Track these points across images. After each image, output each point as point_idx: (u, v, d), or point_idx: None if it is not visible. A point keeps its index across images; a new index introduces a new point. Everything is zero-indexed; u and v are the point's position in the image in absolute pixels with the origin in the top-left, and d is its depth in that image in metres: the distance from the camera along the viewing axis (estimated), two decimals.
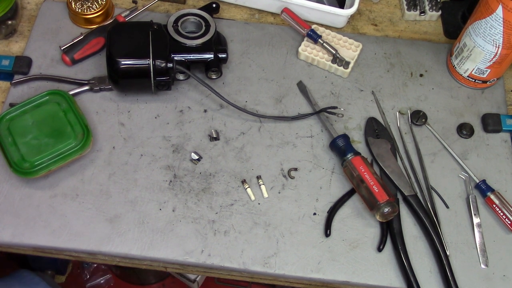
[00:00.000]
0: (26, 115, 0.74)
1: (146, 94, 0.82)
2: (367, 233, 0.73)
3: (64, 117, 0.74)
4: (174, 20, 0.81)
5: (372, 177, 0.71)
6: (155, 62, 0.75)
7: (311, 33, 0.85)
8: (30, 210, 0.72)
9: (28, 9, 0.90)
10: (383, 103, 0.84)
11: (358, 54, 0.86)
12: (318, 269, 0.70)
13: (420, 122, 0.81)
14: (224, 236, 0.72)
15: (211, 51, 0.79)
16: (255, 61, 0.86)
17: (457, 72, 0.85)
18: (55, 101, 0.75)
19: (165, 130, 0.79)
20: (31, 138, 0.73)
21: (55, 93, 0.76)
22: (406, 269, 0.69)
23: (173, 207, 0.73)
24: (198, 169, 0.76)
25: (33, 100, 0.75)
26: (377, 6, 0.94)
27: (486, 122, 0.82)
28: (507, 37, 0.73)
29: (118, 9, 0.90)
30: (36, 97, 0.76)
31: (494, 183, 0.77)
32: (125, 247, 0.70)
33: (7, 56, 0.83)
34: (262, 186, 0.75)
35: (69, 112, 0.75)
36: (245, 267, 0.70)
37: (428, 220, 0.72)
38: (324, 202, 0.75)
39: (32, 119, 0.74)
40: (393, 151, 0.78)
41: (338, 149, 0.76)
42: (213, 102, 0.82)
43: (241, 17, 0.92)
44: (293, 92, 0.84)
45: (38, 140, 0.73)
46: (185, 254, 0.70)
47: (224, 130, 0.80)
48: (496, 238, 0.74)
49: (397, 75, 0.87)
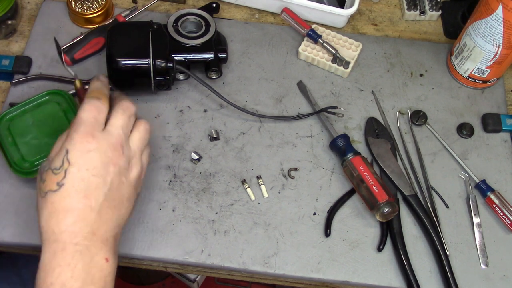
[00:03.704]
0: (26, 115, 0.74)
1: (146, 94, 0.82)
2: (367, 233, 0.73)
3: (64, 117, 0.74)
4: (174, 20, 0.81)
5: (372, 177, 0.71)
6: (155, 62, 0.75)
7: (311, 33, 0.85)
8: (30, 210, 0.72)
9: (28, 9, 0.90)
10: (383, 103, 0.84)
11: (358, 54, 0.86)
12: (318, 269, 0.70)
13: (420, 122, 0.81)
14: (224, 236, 0.72)
15: (211, 51, 0.79)
16: (255, 61, 0.86)
17: (457, 72, 0.85)
18: (55, 101, 0.75)
19: (165, 130, 0.79)
20: (31, 138, 0.72)
21: (55, 93, 0.76)
22: (406, 269, 0.69)
23: (173, 207, 0.73)
24: (198, 169, 0.76)
25: (33, 100, 0.75)
26: (377, 6, 0.94)
27: (486, 122, 0.82)
28: (507, 37, 0.73)
29: (118, 9, 0.90)
30: (36, 97, 0.75)
31: (494, 183, 0.77)
32: (125, 247, 0.70)
33: (7, 56, 0.83)
34: (262, 186, 0.75)
35: (69, 112, 0.74)
36: (245, 267, 0.70)
37: (428, 220, 0.72)
38: (324, 202, 0.75)
39: (32, 119, 0.74)
40: (393, 151, 0.78)
41: (338, 149, 0.76)
42: (213, 102, 0.82)
43: (241, 17, 0.92)
44: (293, 92, 0.84)
45: (38, 140, 0.72)
46: (185, 254, 0.70)
47: (224, 130, 0.80)
48: (496, 238, 0.74)
49: (397, 75, 0.87)
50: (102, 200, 0.54)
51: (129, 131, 0.59)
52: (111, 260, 0.54)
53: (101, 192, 0.54)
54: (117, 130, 0.57)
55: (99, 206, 0.53)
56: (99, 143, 0.55)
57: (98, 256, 0.52)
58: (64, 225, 0.52)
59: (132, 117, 0.60)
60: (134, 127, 0.60)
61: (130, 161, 0.58)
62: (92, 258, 0.52)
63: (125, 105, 0.60)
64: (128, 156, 0.58)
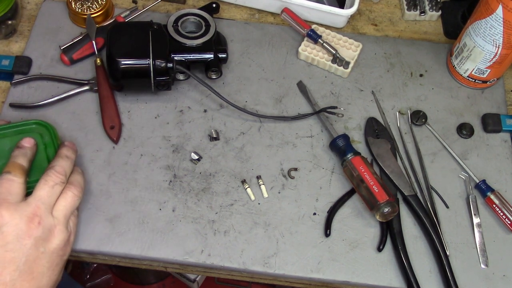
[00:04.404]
0: (5, 139, 0.68)
1: (146, 94, 0.82)
2: (367, 233, 0.73)
3: (44, 151, 0.68)
4: (174, 20, 0.81)
5: (372, 177, 0.71)
6: (155, 62, 0.75)
7: (311, 33, 0.85)
8: None
9: (28, 9, 0.90)
10: (383, 103, 0.84)
11: (358, 54, 0.86)
12: (318, 269, 0.70)
13: (420, 122, 0.81)
14: (224, 236, 0.72)
15: (211, 51, 0.79)
16: (255, 61, 0.86)
17: (457, 72, 0.85)
18: (38, 131, 0.69)
19: (165, 130, 0.79)
20: (2, 165, 0.64)
21: (41, 124, 0.70)
22: (406, 269, 0.69)
23: (173, 207, 0.73)
24: (198, 169, 0.76)
25: (18, 125, 0.69)
26: (377, 6, 0.94)
27: (486, 122, 0.82)
28: (507, 37, 0.73)
29: (118, 9, 0.90)
30: (22, 122, 0.70)
31: (494, 183, 0.77)
32: (125, 247, 0.70)
33: (7, 56, 0.83)
34: (262, 186, 0.75)
35: (50, 147, 0.68)
36: (245, 267, 0.70)
37: (428, 220, 0.72)
38: (324, 202, 0.75)
39: (10, 145, 0.67)
40: (393, 151, 0.78)
41: (338, 149, 0.76)
42: (213, 102, 0.82)
43: (241, 17, 0.92)
44: (293, 92, 0.84)
45: None
46: (185, 254, 0.70)
47: (224, 130, 0.80)
48: (496, 238, 0.74)
49: (397, 75, 0.87)
50: (17, 275, 0.54)
51: (52, 201, 0.60)
52: None
53: (15, 266, 0.54)
54: (35, 201, 0.58)
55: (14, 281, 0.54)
56: (12, 216, 0.55)
57: None
58: None
59: (57, 186, 0.60)
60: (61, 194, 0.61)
61: (51, 230, 0.58)
62: None
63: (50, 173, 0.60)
64: (48, 225, 0.58)
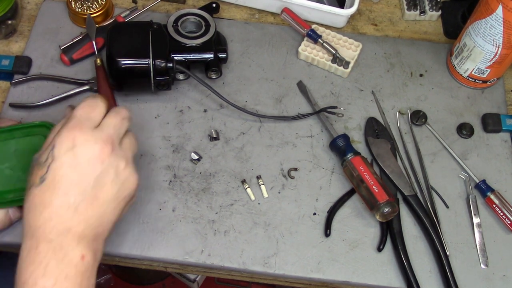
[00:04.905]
0: (11, 141, 0.67)
1: (146, 94, 0.82)
2: (367, 233, 0.73)
3: None
4: (174, 20, 0.81)
5: (372, 177, 0.71)
6: (155, 62, 0.75)
7: (311, 33, 0.85)
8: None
9: (28, 9, 0.90)
10: (383, 103, 0.84)
11: (358, 54, 0.86)
12: (318, 269, 0.70)
13: (420, 122, 0.81)
14: (224, 236, 0.72)
15: (211, 51, 0.79)
16: (255, 61, 0.86)
17: (457, 72, 0.85)
18: (43, 134, 0.68)
19: (165, 130, 0.79)
20: (6, 167, 0.66)
21: (46, 126, 0.68)
22: (406, 269, 0.69)
23: (173, 207, 0.73)
24: (198, 169, 0.76)
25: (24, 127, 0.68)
26: (377, 6, 0.94)
27: (486, 122, 0.82)
28: (507, 37, 0.73)
29: (118, 9, 0.90)
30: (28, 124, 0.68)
31: (494, 183, 0.77)
32: (125, 247, 0.70)
33: (7, 56, 0.83)
34: (262, 186, 0.75)
35: None
36: (245, 267, 0.70)
37: (428, 220, 0.72)
38: (324, 202, 0.75)
39: (15, 147, 0.67)
40: (393, 151, 0.78)
41: (338, 149, 0.76)
42: (213, 102, 0.82)
43: (241, 17, 0.92)
44: (293, 92, 0.84)
45: (12, 172, 0.66)
46: (185, 254, 0.70)
47: (224, 130, 0.80)
48: (496, 238, 0.74)
49: (397, 75, 0.87)
50: (82, 197, 0.53)
51: (121, 133, 0.58)
52: (88, 257, 0.53)
53: (82, 189, 0.53)
54: (108, 128, 0.56)
55: (78, 203, 0.52)
56: (87, 139, 0.54)
57: (72, 252, 0.52)
58: (40, 220, 0.51)
59: (125, 120, 0.59)
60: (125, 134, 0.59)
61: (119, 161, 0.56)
62: (66, 254, 0.51)
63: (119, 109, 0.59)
64: (118, 155, 0.56)
